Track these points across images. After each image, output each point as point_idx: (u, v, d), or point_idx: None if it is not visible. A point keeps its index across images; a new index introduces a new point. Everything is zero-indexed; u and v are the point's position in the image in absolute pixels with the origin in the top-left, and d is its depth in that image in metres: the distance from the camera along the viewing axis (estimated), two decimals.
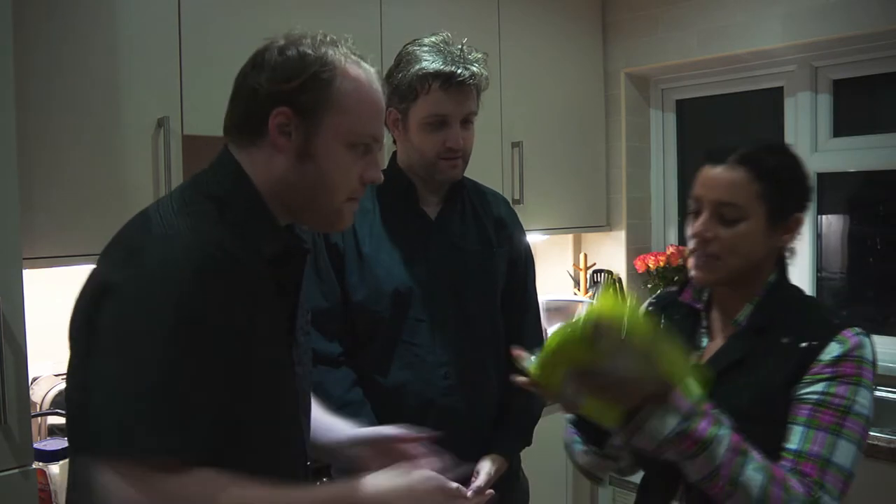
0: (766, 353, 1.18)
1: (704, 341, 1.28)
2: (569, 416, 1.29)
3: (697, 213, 1.22)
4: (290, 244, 1.04)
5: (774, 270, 1.25)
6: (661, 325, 1.30)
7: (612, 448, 1.25)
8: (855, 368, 1.13)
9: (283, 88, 0.96)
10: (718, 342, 1.25)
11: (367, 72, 1.02)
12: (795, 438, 1.11)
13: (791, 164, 1.22)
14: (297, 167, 0.99)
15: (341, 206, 1.03)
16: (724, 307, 1.27)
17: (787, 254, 1.28)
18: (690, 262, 1.23)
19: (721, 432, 1.06)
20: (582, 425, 1.27)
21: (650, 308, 1.41)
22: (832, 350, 1.14)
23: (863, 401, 1.13)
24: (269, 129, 0.97)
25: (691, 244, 1.22)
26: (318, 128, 0.98)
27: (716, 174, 1.19)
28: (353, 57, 1.01)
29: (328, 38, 1.01)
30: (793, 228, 1.23)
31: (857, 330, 1.16)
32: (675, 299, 1.36)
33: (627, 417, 1.07)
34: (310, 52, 0.98)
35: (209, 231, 0.94)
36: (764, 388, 1.16)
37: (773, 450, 1.12)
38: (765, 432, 1.13)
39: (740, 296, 1.23)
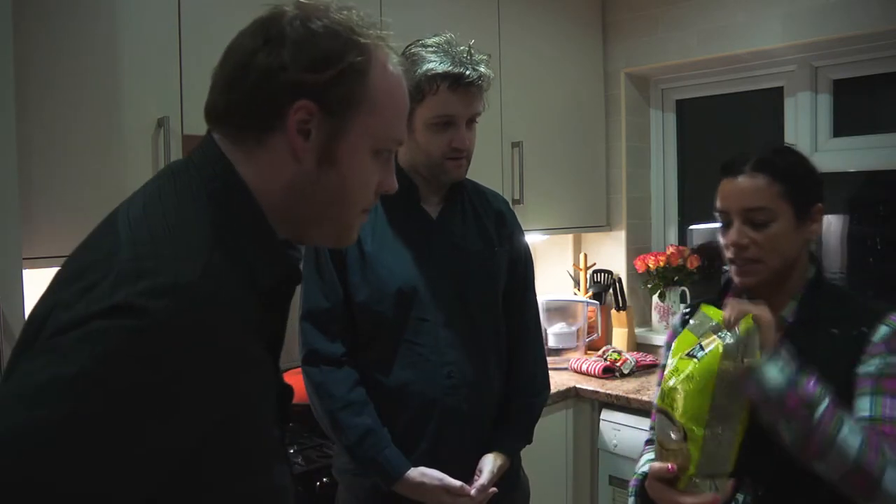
0: (819, 345, 1.23)
1: None
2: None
3: (727, 226, 1.29)
4: (291, 266, 0.84)
5: (811, 266, 1.33)
6: None
7: None
8: None
9: (313, 78, 0.77)
10: None
11: (397, 63, 0.86)
12: (866, 406, 1.18)
13: (800, 159, 1.32)
14: (315, 174, 0.80)
15: (355, 220, 0.86)
16: (769, 306, 1.30)
17: (813, 246, 1.35)
18: (732, 269, 1.30)
19: (824, 393, 1.12)
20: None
21: (686, 316, 1.45)
22: (882, 332, 1.22)
23: None
24: (288, 126, 0.78)
25: (729, 253, 1.29)
26: (346, 129, 0.80)
27: (737, 184, 1.28)
28: (385, 42, 0.84)
29: (358, 14, 0.82)
30: (817, 218, 1.31)
31: None
32: (711, 303, 1.40)
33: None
34: (343, 31, 0.79)
35: (203, 263, 0.70)
36: (825, 381, 1.19)
37: None
38: None
39: (782, 292, 1.30)
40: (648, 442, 1.48)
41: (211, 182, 0.78)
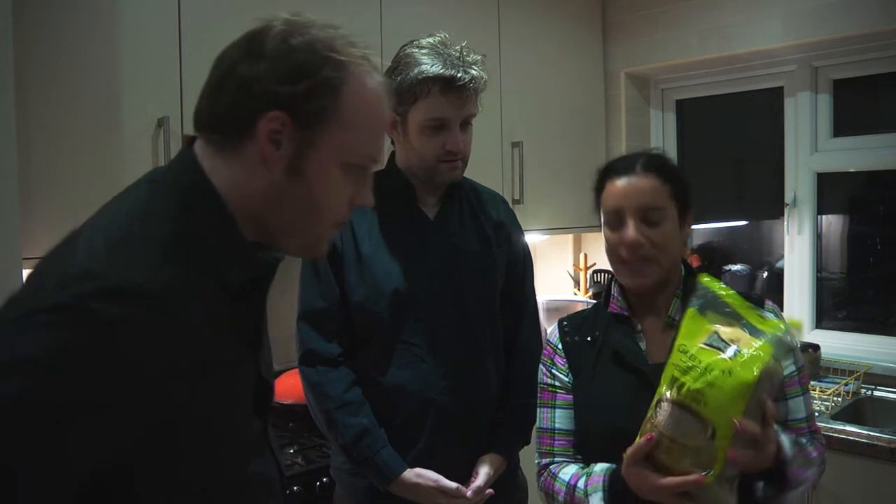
0: None
1: (643, 345, 1.31)
2: None
3: (617, 225, 1.28)
4: (260, 267, 0.87)
5: (682, 265, 1.36)
6: (589, 340, 1.37)
7: None
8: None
9: (286, 90, 0.79)
10: (658, 339, 1.30)
11: (378, 82, 0.87)
12: (801, 408, 1.26)
13: (678, 166, 1.35)
14: (283, 184, 0.82)
15: (325, 232, 0.89)
16: (651, 308, 1.33)
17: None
18: (623, 272, 1.30)
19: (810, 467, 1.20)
20: None
21: (566, 330, 1.42)
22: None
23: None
24: (258, 135, 0.81)
25: (622, 253, 1.28)
26: (315, 142, 0.82)
27: (633, 182, 1.27)
28: (366, 61, 0.86)
29: (340, 32, 0.85)
30: (690, 222, 1.34)
31: (771, 301, 1.32)
32: (585, 317, 1.42)
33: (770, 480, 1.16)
34: (321, 48, 0.81)
35: (149, 271, 0.73)
36: None
37: None
38: None
39: (665, 293, 1.32)
40: (549, 464, 1.40)
41: (185, 192, 0.82)
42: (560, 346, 1.42)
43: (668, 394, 1.11)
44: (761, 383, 1.07)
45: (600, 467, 1.26)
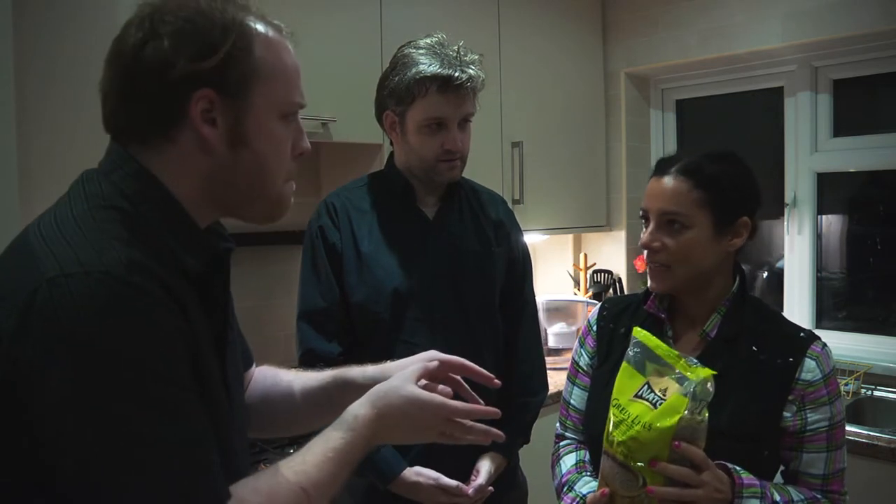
0: (741, 367, 1.20)
1: None
2: None
3: (646, 225, 1.26)
4: (216, 251, 0.85)
5: (734, 279, 1.29)
6: (622, 332, 1.33)
7: None
8: (836, 382, 1.22)
9: (205, 66, 0.76)
10: (687, 352, 1.24)
11: (274, 27, 0.84)
12: (820, 466, 1.19)
13: (733, 170, 1.25)
14: (230, 157, 0.80)
15: (282, 189, 0.87)
16: (688, 316, 1.30)
17: (740, 259, 1.31)
18: (648, 271, 1.28)
19: None
20: None
21: (605, 314, 1.42)
22: (811, 368, 1.19)
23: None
24: (192, 119, 0.78)
25: (645, 255, 1.26)
26: (249, 106, 0.80)
27: (659, 185, 1.24)
28: (256, 13, 0.83)
29: None
30: (741, 232, 1.25)
31: (822, 343, 1.24)
32: (628, 306, 1.39)
33: None
34: (215, 12, 0.78)
35: (122, 258, 0.71)
36: (745, 408, 1.18)
37: (752, 468, 1.15)
38: (743, 451, 1.16)
39: (704, 304, 1.27)
40: (561, 437, 1.45)
41: (122, 181, 0.79)
42: (595, 328, 1.42)
43: (605, 447, 1.16)
44: (679, 433, 1.08)
45: (581, 485, 1.31)
